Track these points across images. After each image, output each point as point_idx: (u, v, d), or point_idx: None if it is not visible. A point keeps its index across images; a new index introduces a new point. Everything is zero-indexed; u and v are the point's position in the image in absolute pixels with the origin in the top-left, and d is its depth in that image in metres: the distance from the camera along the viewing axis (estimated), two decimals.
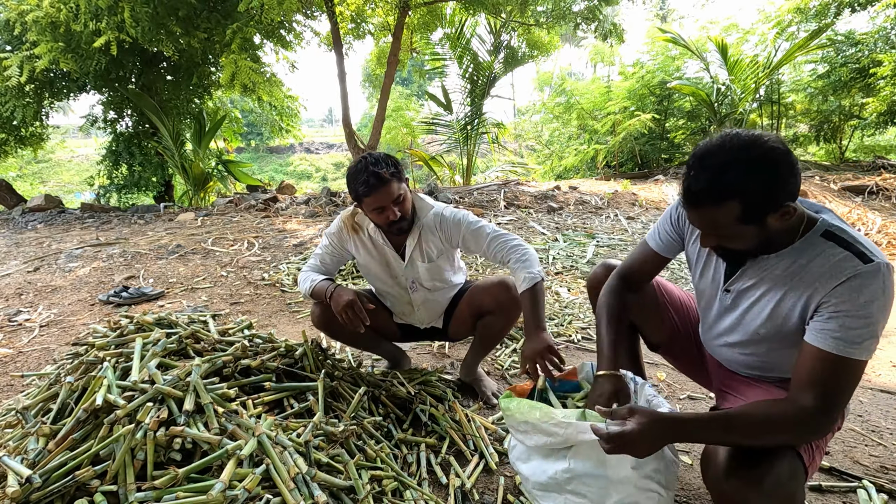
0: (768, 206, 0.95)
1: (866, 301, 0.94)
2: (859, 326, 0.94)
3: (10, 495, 1.07)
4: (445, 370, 2.26)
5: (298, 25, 8.00)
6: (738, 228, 0.98)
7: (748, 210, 0.95)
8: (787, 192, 0.94)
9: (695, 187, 0.98)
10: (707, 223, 1.02)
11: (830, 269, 0.98)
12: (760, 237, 1.01)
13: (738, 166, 0.93)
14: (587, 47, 13.94)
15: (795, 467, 0.98)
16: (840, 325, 0.96)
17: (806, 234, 1.03)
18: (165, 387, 1.32)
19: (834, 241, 1.00)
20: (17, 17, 6.22)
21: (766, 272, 1.09)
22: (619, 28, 8.20)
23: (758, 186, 0.93)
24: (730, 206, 0.95)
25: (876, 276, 0.95)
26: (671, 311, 1.47)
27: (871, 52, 8.79)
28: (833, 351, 0.95)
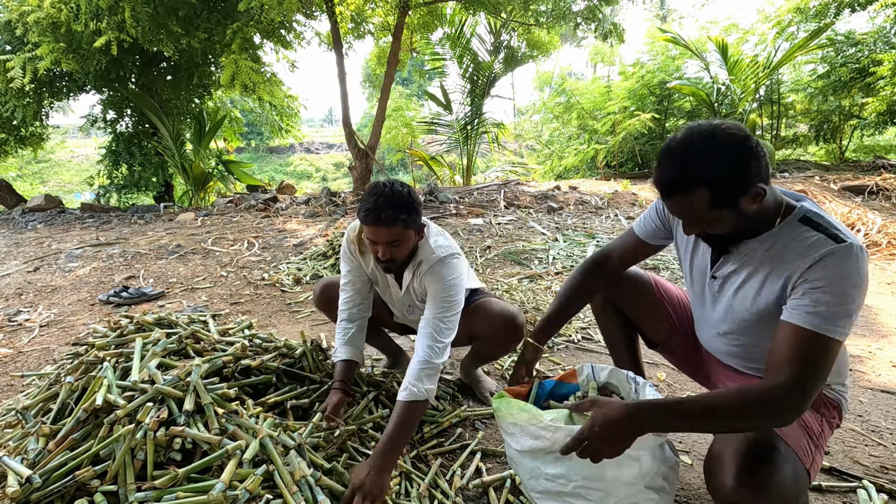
0: (737, 189, 0.99)
1: (839, 278, 0.97)
2: (833, 304, 0.96)
3: (10, 495, 1.07)
4: (445, 370, 2.26)
5: (298, 25, 8.00)
6: (713, 213, 1.03)
7: (718, 194, 1.00)
8: (753, 174, 0.98)
9: (664, 178, 1.04)
10: (683, 211, 1.06)
11: (805, 249, 1.02)
12: (739, 220, 1.05)
13: (701, 154, 0.99)
14: (587, 47, 13.93)
15: (798, 471, 0.98)
16: (813, 301, 0.97)
17: (784, 220, 1.07)
18: (165, 387, 1.32)
19: (809, 226, 1.04)
20: (19, 18, 6.23)
21: (747, 256, 1.13)
22: (619, 28, 8.20)
23: (722, 170, 0.98)
24: (700, 193, 1.00)
25: (848, 254, 0.97)
26: (669, 309, 1.48)
27: (870, 52, 8.79)
28: (807, 326, 0.97)
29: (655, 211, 1.35)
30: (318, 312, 3.11)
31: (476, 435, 1.73)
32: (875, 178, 7.08)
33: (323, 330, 2.81)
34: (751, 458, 0.97)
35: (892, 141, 11.79)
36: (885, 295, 3.39)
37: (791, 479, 0.96)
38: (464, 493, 1.45)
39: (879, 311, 3.06)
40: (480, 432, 1.75)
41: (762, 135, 10.73)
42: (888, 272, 3.88)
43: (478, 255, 4.35)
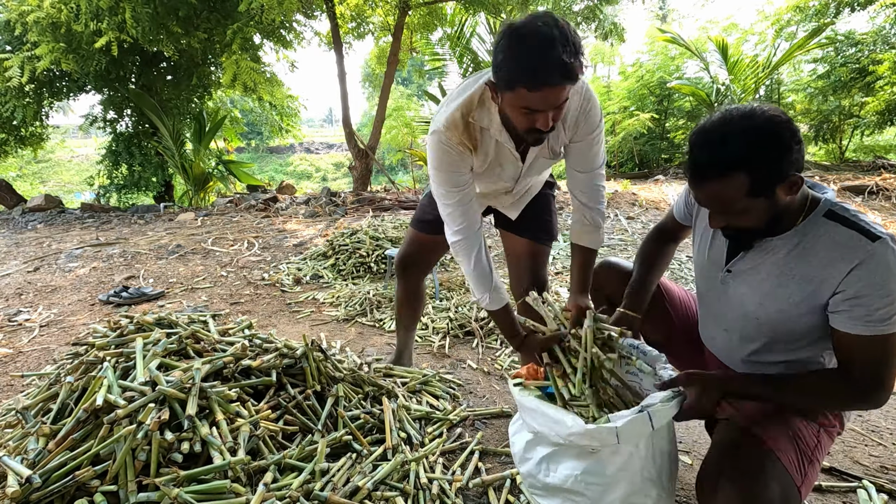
0: (776, 176, 0.93)
1: (884, 282, 0.95)
2: (884, 305, 0.96)
3: (10, 495, 1.07)
4: (445, 370, 2.26)
5: (298, 25, 8.01)
6: (747, 203, 0.96)
7: (756, 181, 0.93)
8: (792, 160, 0.93)
9: (699, 161, 0.96)
10: (715, 200, 0.99)
11: (840, 251, 0.98)
12: (770, 212, 0.99)
13: (741, 136, 0.92)
14: (587, 47, 13.92)
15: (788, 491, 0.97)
16: (866, 310, 0.97)
17: (809, 216, 1.02)
18: (169, 389, 1.32)
19: (837, 221, 0.99)
20: (18, 18, 6.23)
21: (769, 254, 1.07)
22: (619, 27, 8.20)
23: (763, 154, 0.92)
24: (737, 179, 0.93)
25: (885, 253, 0.95)
26: (670, 309, 1.46)
27: (870, 52, 8.80)
28: (867, 334, 0.97)
29: (686, 194, 1.33)
30: (318, 312, 3.11)
31: (476, 435, 1.73)
32: (875, 178, 7.08)
33: (323, 330, 2.81)
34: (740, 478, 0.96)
35: (892, 141, 11.80)
36: None
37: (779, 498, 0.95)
38: (464, 493, 1.45)
39: None
40: (480, 432, 1.75)
41: None
42: None
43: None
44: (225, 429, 1.35)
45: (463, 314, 2.85)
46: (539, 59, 1.06)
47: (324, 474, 1.38)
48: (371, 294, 3.22)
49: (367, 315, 2.99)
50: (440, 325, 2.75)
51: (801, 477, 1.02)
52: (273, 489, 1.26)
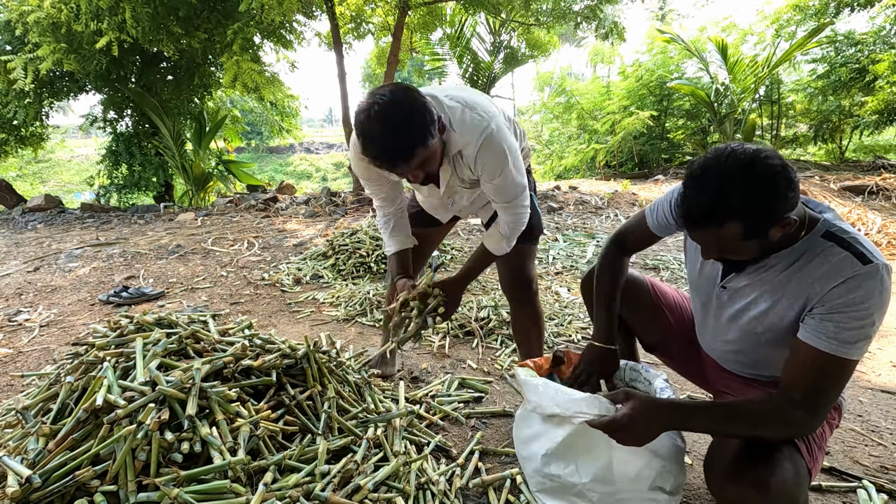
0: (769, 222, 0.94)
1: (862, 302, 0.94)
2: (855, 328, 0.95)
3: (10, 495, 1.07)
4: (445, 369, 2.26)
5: (298, 25, 7.99)
6: (740, 245, 0.98)
7: (750, 228, 0.94)
8: (787, 203, 0.93)
9: (695, 211, 0.96)
10: (709, 242, 1.02)
11: (829, 269, 0.98)
12: (762, 248, 1.02)
13: (737, 187, 0.91)
14: (587, 47, 13.93)
15: (799, 470, 0.98)
16: (836, 326, 0.96)
17: (807, 235, 1.03)
18: (169, 388, 1.32)
19: (834, 242, 0.99)
20: (18, 18, 6.22)
21: (765, 272, 1.08)
22: (619, 27, 8.19)
23: (758, 205, 0.92)
24: (732, 226, 0.94)
25: (874, 277, 0.94)
26: (665, 311, 1.47)
27: (870, 53, 8.80)
28: (827, 351, 0.96)
29: (668, 205, 1.31)
30: (318, 312, 3.11)
31: (476, 435, 1.73)
32: (875, 178, 7.08)
33: (323, 330, 2.81)
34: (752, 456, 0.97)
35: (892, 141, 11.79)
36: None
37: (792, 477, 0.95)
38: (464, 493, 1.45)
39: None
40: (480, 432, 1.75)
41: (762, 135, 10.74)
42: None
43: None
44: (225, 429, 1.34)
45: (463, 314, 2.85)
46: (376, 152, 1.20)
47: (324, 476, 1.38)
48: (371, 294, 3.22)
49: (367, 315, 2.99)
50: (440, 325, 2.75)
51: (811, 459, 1.03)
52: (273, 489, 1.26)
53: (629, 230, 1.44)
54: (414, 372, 2.24)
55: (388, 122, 1.15)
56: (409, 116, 1.16)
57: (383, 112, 1.14)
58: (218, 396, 1.41)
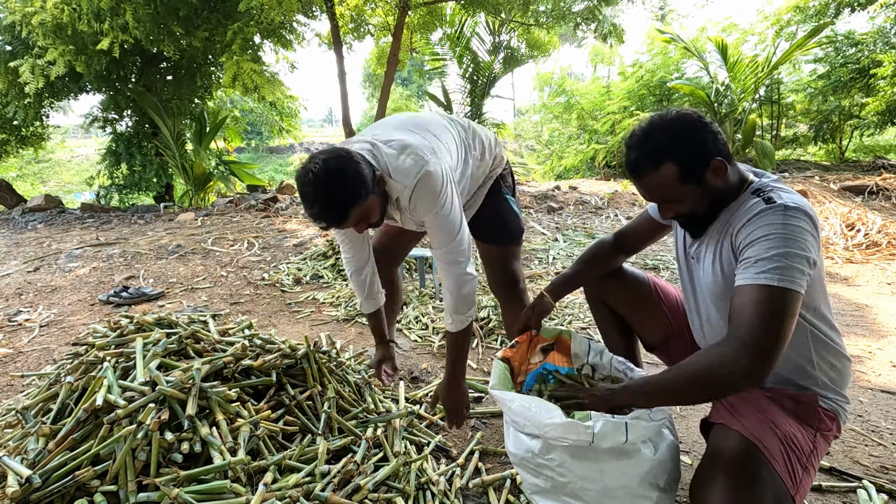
0: (699, 161, 1.08)
1: (767, 231, 1.01)
2: (763, 254, 0.99)
3: (10, 495, 1.07)
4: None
5: (298, 25, 7.99)
6: (681, 189, 1.10)
7: (683, 168, 1.08)
8: (711, 147, 1.08)
9: (631, 160, 1.12)
10: (654, 191, 1.13)
11: (742, 215, 1.08)
12: (707, 196, 1.11)
13: (658, 131, 1.09)
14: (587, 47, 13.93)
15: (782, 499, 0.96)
16: (750, 258, 1.02)
17: (741, 194, 1.13)
18: (169, 388, 1.32)
19: (757, 195, 1.09)
20: (23, 20, 6.21)
21: (710, 234, 1.18)
22: (618, 28, 8.19)
23: (683, 144, 1.07)
24: (666, 168, 1.08)
25: (775, 211, 1.02)
26: (666, 311, 1.47)
27: (870, 53, 8.80)
28: (750, 282, 1.00)
29: None
30: (318, 312, 3.11)
31: (476, 435, 1.73)
32: (875, 178, 7.08)
33: (323, 330, 2.81)
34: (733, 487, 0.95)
35: (892, 141, 11.80)
36: (885, 295, 3.39)
37: None
38: (463, 493, 1.45)
39: (879, 311, 3.07)
40: (480, 432, 1.75)
41: (762, 135, 10.74)
42: (888, 272, 3.88)
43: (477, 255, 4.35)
44: (225, 429, 1.35)
45: None
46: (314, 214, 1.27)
47: (324, 476, 1.38)
48: None
49: None
50: (440, 325, 2.75)
51: (794, 485, 1.00)
52: (273, 489, 1.26)
53: (629, 227, 1.51)
54: (414, 372, 2.24)
55: (322, 187, 1.24)
56: (342, 181, 1.24)
57: (317, 178, 1.23)
58: (218, 397, 1.41)
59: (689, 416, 1.89)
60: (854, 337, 2.66)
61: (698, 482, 1.02)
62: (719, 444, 1.06)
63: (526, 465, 1.19)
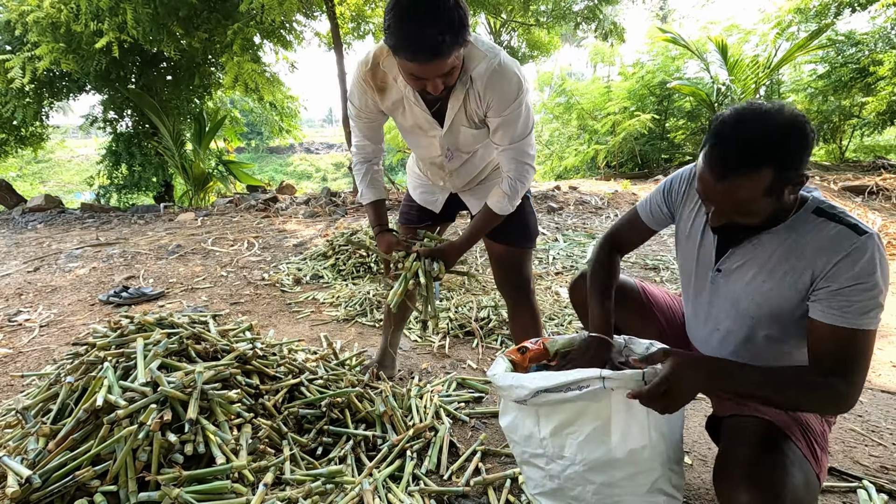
0: (794, 173, 0.94)
1: (868, 273, 0.97)
2: (866, 298, 0.97)
3: (9, 495, 1.07)
4: (445, 370, 2.26)
5: (298, 25, 8.00)
6: (761, 201, 0.96)
7: (779, 177, 0.93)
8: (807, 161, 0.96)
9: (728, 152, 0.94)
10: (731, 195, 0.97)
11: (828, 244, 1.00)
12: (773, 212, 1.01)
13: (771, 129, 0.92)
14: (587, 47, 13.93)
15: (810, 478, 0.97)
16: (848, 301, 0.97)
17: (797, 212, 1.05)
18: (171, 390, 1.32)
19: (825, 217, 1.02)
20: (18, 18, 6.22)
21: (759, 249, 1.09)
22: (619, 28, 8.19)
23: (792, 150, 0.92)
24: (763, 174, 0.92)
25: (871, 245, 0.97)
26: (657, 314, 1.45)
27: (871, 53, 8.80)
28: (844, 325, 0.97)
29: (661, 195, 1.31)
30: (318, 312, 3.11)
31: (480, 436, 1.73)
32: (875, 179, 7.08)
33: (323, 330, 2.81)
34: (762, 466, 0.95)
35: (892, 141, 11.79)
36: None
37: (804, 485, 0.94)
38: (464, 493, 1.45)
39: None
40: (483, 434, 1.75)
41: None
42: (889, 272, 3.88)
43: (478, 254, 4.35)
44: (226, 430, 1.35)
45: (463, 314, 2.85)
46: (413, 37, 1.11)
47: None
48: (371, 294, 3.22)
49: (367, 315, 2.99)
50: (440, 325, 2.75)
51: (818, 465, 1.02)
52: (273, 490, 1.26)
53: (621, 229, 1.44)
54: (414, 372, 2.24)
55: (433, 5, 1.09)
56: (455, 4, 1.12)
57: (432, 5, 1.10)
58: (219, 399, 1.41)
59: (689, 415, 1.88)
60: None
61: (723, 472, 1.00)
62: (739, 430, 1.06)
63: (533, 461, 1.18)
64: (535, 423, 1.14)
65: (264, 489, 1.21)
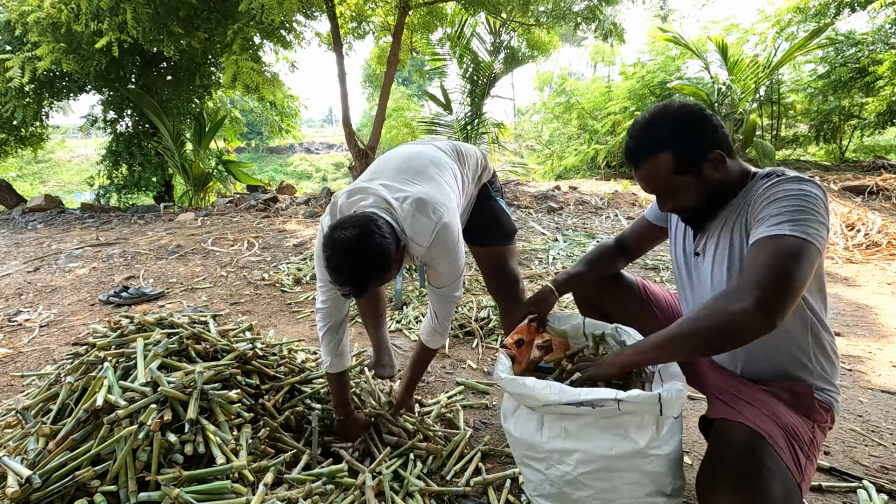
0: (696, 153, 1.09)
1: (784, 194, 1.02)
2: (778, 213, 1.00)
3: (9, 496, 1.07)
4: (445, 370, 2.26)
5: (298, 25, 7.99)
6: (676, 180, 1.11)
7: (680, 159, 1.09)
8: (710, 140, 1.09)
9: (631, 148, 1.14)
10: (650, 180, 1.14)
11: (764, 191, 1.08)
12: (704, 189, 1.12)
13: (660, 123, 1.11)
14: (587, 47, 13.94)
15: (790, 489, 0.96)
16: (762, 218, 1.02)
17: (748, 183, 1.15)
18: (171, 390, 1.32)
19: (770, 177, 1.10)
20: (18, 18, 6.22)
21: (720, 222, 1.17)
22: (619, 28, 8.18)
23: (681, 134, 1.09)
24: (664, 158, 1.10)
25: (790, 180, 1.04)
26: (656, 311, 1.47)
27: (870, 52, 8.80)
28: (760, 236, 1.00)
29: None
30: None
31: (484, 438, 1.73)
32: (875, 179, 7.08)
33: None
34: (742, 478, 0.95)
35: (892, 141, 11.79)
36: (885, 295, 3.38)
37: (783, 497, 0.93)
38: (464, 493, 1.45)
39: (879, 312, 3.06)
40: (486, 436, 1.75)
41: (762, 135, 10.73)
42: (888, 272, 3.88)
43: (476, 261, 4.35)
44: (226, 430, 1.35)
45: (463, 314, 2.85)
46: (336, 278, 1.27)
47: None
48: None
49: None
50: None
51: (800, 474, 1.01)
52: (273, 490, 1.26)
53: (628, 231, 1.53)
54: None
55: (348, 259, 1.24)
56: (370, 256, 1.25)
57: (345, 250, 1.23)
58: (220, 399, 1.41)
59: (689, 415, 1.89)
60: (854, 337, 2.66)
61: (705, 476, 1.01)
62: (724, 436, 1.06)
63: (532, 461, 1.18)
64: (539, 427, 1.14)
65: (264, 489, 1.21)
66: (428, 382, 2.16)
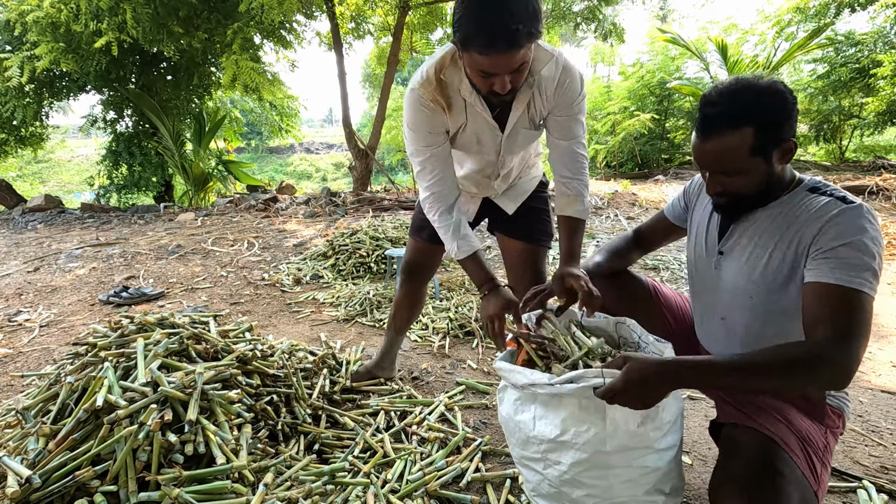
0: (777, 136, 1.01)
1: (854, 233, 0.97)
2: (854, 257, 0.96)
3: (9, 496, 1.07)
4: (445, 370, 2.26)
5: (298, 25, 8.00)
6: (748, 161, 1.02)
7: (760, 136, 1.00)
8: (790, 125, 1.01)
9: (712, 113, 1.02)
10: (719, 154, 1.04)
11: (817, 212, 1.02)
12: (765, 178, 1.05)
13: (749, 93, 1.00)
14: (587, 47, 13.94)
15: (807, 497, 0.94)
16: (836, 258, 0.97)
17: (794, 190, 1.09)
18: (171, 390, 1.32)
19: (818, 192, 1.06)
20: (18, 18, 6.23)
21: (755, 225, 1.12)
22: (618, 28, 8.20)
23: (770, 110, 0.99)
24: (744, 132, 1.00)
25: (859, 211, 0.99)
26: (665, 312, 1.45)
27: (870, 53, 8.80)
28: (835, 282, 0.95)
29: (684, 191, 1.38)
30: (318, 312, 3.11)
31: (484, 438, 1.73)
32: (875, 179, 7.08)
33: (323, 330, 2.81)
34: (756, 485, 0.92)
35: (892, 141, 11.80)
36: (885, 295, 3.38)
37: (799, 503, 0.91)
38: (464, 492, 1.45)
39: (879, 312, 3.06)
40: (487, 435, 1.75)
41: None
42: (888, 272, 3.88)
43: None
44: (226, 430, 1.34)
45: (463, 314, 2.85)
46: (489, 25, 1.06)
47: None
48: (371, 294, 3.22)
49: (367, 315, 2.99)
50: (440, 325, 2.75)
51: (816, 481, 0.99)
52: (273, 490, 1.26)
53: (646, 225, 1.50)
54: (414, 372, 2.24)
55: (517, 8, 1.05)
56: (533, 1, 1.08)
57: None
58: (220, 399, 1.41)
59: (689, 415, 1.89)
60: None
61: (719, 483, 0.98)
62: (737, 441, 1.04)
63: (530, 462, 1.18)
64: (532, 422, 1.13)
65: (264, 489, 1.21)
66: (428, 382, 2.16)
